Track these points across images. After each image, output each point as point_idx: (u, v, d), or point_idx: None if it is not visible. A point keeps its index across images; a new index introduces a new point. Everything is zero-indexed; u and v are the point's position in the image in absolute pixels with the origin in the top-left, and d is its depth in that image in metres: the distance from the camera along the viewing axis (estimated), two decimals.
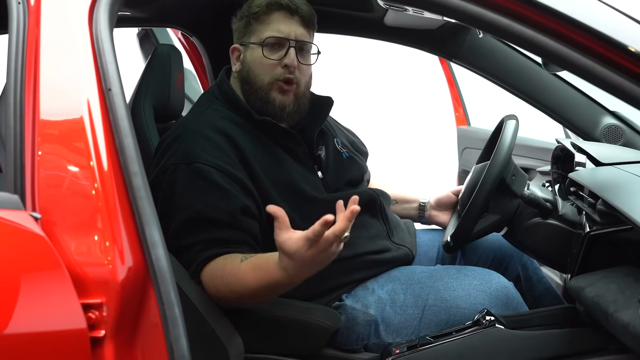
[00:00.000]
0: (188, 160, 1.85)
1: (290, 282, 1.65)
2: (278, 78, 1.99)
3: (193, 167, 1.84)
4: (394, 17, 2.41)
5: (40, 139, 1.30)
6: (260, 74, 2.00)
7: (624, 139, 2.44)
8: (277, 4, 1.99)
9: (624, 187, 1.70)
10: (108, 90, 1.31)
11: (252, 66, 2.01)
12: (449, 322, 1.94)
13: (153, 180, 1.88)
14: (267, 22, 1.99)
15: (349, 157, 2.21)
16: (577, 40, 1.35)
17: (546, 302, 2.23)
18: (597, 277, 1.64)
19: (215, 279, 1.75)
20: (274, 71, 1.99)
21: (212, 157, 1.86)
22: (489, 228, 2.11)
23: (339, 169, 2.14)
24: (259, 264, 1.70)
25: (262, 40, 1.99)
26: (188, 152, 1.87)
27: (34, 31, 1.35)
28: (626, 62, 1.32)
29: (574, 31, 1.35)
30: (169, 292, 1.27)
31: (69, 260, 1.22)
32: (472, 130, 3.70)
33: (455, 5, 1.39)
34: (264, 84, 2.00)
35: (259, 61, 2.00)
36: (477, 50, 2.50)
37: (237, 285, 1.71)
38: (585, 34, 1.34)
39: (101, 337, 1.21)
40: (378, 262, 2.08)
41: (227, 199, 1.83)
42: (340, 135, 2.26)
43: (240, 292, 1.71)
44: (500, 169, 1.99)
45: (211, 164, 1.85)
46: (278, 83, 1.99)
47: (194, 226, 1.81)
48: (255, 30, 2.01)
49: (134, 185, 1.29)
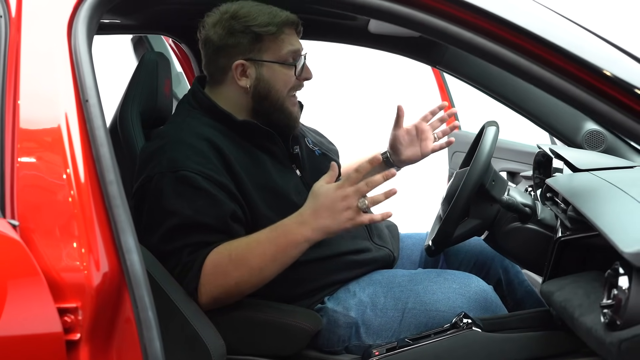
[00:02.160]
0: (173, 168, 1.88)
1: (300, 233, 1.78)
2: (296, 91, 2.09)
3: (179, 174, 1.87)
4: (377, 24, 2.45)
5: (19, 146, 1.33)
6: (281, 89, 2.05)
7: (606, 144, 2.47)
8: (289, 22, 2.03)
9: (594, 194, 1.73)
10: (85, 101, 1.35)
11: (273, 83, 2.04)
12: (428, 325, 1.98)
13: (138, 189, 1.91)
14: (281, 40, 2.03)
15: (322, 154, 2.26)
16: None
17: (527, 305, 2.26)
18: (567, 282, 1.68)
19: (221, 266, 1.80)
20: (293, 85, 2.07)
21: (197, 165, 1.89)
22: (469, 232, 2.14)
23: (314, 166, 2.18)
24: (270, 227, 1.82)
25: (282, 58, 2.03)
26: (173, 160, 1.90)
27: (15, 42, 1.39)
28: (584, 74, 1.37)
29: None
30: (143, 297, 1.30)
31: (46, 266, 1.26)
32: (462, 134, 3.71)
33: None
34: (284, 97, 2.06)
35: (281, 77, 2.04)
36: (460, 57, 2.53)
37: (248, 256, 1.80)
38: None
39: (76, 341, 1.25)
40: (359, 263, 2.11)
41: (215, 205, 1.87)
42: (308, 136, 2.30)
43: (253, 261, 1.80)
44: (479, 174, 2.03)
45: (196, 171, 1.87)
46: (292, 97, 2.09)
47: (183, 231, 1.84)
48: (269, 48, 2.02)
49: (109, 193, 1.32)
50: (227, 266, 1.81)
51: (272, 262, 1.81)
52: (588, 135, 2.48)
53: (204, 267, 1.80)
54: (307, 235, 1.79)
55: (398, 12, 1.45)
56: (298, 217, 1.80)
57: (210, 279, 1.80)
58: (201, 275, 1.80)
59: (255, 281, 1.83)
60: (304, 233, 1.78)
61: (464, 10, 1.43)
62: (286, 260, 1.82)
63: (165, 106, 2.27)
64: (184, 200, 1.85)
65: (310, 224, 1.78)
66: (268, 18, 2.00)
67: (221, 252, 1.82)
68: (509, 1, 1.44)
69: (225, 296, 1.84)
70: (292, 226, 1.79)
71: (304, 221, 1.78)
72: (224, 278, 1.81)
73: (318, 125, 2.48)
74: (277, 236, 1.80)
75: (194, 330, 1.70)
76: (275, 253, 1.80)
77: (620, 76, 1.38)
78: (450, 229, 2.07)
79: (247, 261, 1.80)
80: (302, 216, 1.79)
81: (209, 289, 1.81)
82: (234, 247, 1.82)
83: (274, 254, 1.80)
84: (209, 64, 2.09)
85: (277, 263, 1.81)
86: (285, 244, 1.79)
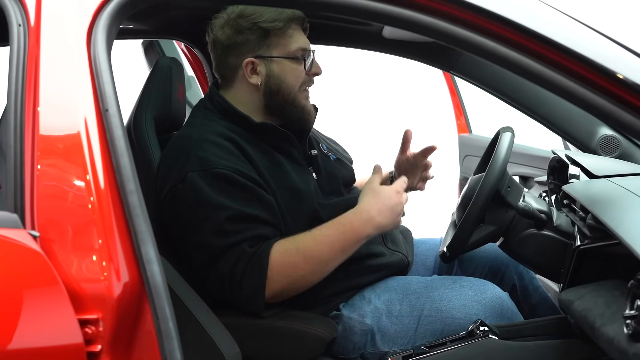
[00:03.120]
0: (204, 167, 1.88)
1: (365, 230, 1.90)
2: (307, 86, 2.10)
3: (212, 172, 1.88)
4: (392, 30, 2.44)
5: (39, 153, 1.33)
6: (293, 84, 2.07)
7: (620, 149, 2.46)
8: (296, 18, 2.05)
9: (614, 202, 1.72)
10: (105, 111, 1.34)
11: (284, 78, 2.06)
12: (444, 332, 1.97)
13: (169, 191, 1.91)
14: (289, 35, 2.05)
15: (337, 160, 2.26)
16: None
17: (542, 312, 2.26)
18: (586, 291, 1.67)
19: (290, 258, 1.86)
20: (304, 80, 2.08)
21: (227, 162, 1.90)
22: (484, 239, 2.13)
23: (329, 171, 2.19)
24: (335, 221, 1.91)
25: (291, 53, 2.05)
26: (202, 159, 1.90)
27: (34, 52, 1.38)
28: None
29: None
30: (164, 307, 1.30)
31: (67, 277, 1.25)
32: (473, 138, 3.71)
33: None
34: (295, 92, 2.07)
35: (292, 73, 2.06)
36: (474, 62, 2.52)
37: (317, 249, 1.88)
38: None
39: (97, 352, 1.24)
40: (373, 267, 2.11)
41: (259, 199, 1.90)
42: (323, 142, 2.30)
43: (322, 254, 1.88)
44: (495, 181, 2.02)
45: (230, 168, 1.89)
46: (305, 92, 2.10)
47: (236, 224, 1.86)
48: (278, 43, 2.05)
49: (130, 203, 1.31)
50: (295, 258, 1.86)
51: (340, 254, 1.90)
52: (602, 141, 2.47)
53: (270, 259, 1.84)
54: (370, 232, 1.91)
55: (411, 18, 1.44)
56: (364, 214, 1.90)
57: (278, 271, 1.85)
58: (269, 268, 1.84)
59: (321, 273, 1.91)
60: (368, 229, 1.90)
61: (479, 16, 1.42)
62: (350, 253, 1.92)
63: (178, 111, 2.27)
64: (225, 195, 1.86)
65: (375, 221, 1.90)
66: (275, 14, 2.01)
67: (287, 245, 1.88)
68: (518, 4, 1.43)
69: (290, 288, 1.90)
70: (358, 222, 1.89)
71: (371, 218, 1.89)
72: (294, 270, 1.86)
73: (329, 130, 2.48)
74: (345, 231, 1.89)
75: (209, 338, 1.69)
76: (344, 247, 1.89)
77: (635, 80, 1.37)
78: (465, 235, 2.06)
79: (316, 254, 1.88)
80: (368, 213, 1.90)
81: (277, 281, 1.86)
82: (300, 241, 1.88)
83: (342, 247, 1.89)
84: (219, 65, 2.10)
85: (344, 255, 1.91)
86: (353, 238, 1.90)
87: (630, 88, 1.37)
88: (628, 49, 1.43)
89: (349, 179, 2.28)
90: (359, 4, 1.43)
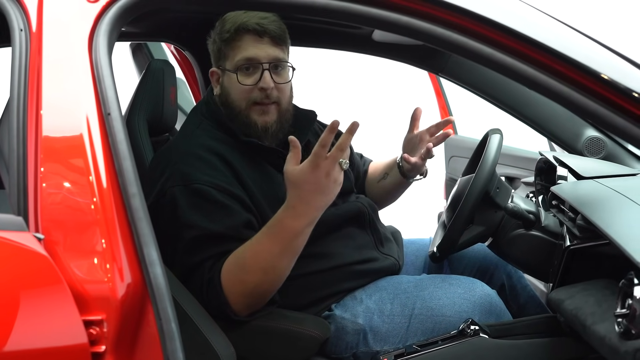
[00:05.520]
0: (186, 182, 1.89)
1: (299, 225, 1.77)
2: (256, 101, 2.02)
3: (192, 188, 1.89)
4: (382, 33, 2.47)
5: (42, 156, 1.34)
6: (238, 99, 2.03)
7: (606, 151, 2.49)
8: (245, 28, 1.99)
9: (602, 203, 1.75)
10: (107, 114, 1.36)
11: (230, 91, 2.04)
12: (435, 330, 1.99)
13: (152, 204, 1.91)
14: (237, 47, 2.01)
15: None
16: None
17: (530, 310, 2.28)
18: (576, 290, 1.70)
19: (233, 274, 1.81)
20: (251, 95, 2.01)
21: (209, 177, 1.90)
22: (473, 239, 2.16)
23: None
24: (267, 225, 1.82)
25: (235, 66, 2.01)
26: (185, 174, 1.91)
27: (36, 56, 1.40)
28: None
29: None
30: (166, 308, 1.32)
31: (71, 279, 1.27)
32: (459, 139, 3.74)
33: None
34: (243, 108, 2.02)
35: (235, 87, 2.02)
36: (462, 65, 2.55)
37: (256, 259, 1.80)
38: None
39: (102, 352, 1.26)
40: (365, 272, 2.13)
41: (229, 215, 1.88)
42: None
43: (262, 263, 1.80)
44: (484, 182, 2.05)
45: (209, 184, 1.89)
46: (256, 106, 2.02)
47: (202, 243, 1.86)
48: (228, 55, 2.03)
49: (132, 206, 1.33)
50: (238, 274, 1.82)
51: (281, 256, 1.81)
52: (588, 142, 2.51)
53: (221, 280, 1.82)
54: (306, 222, 1.79)
55: (399, 22, 1.47)
56: (290, 211, 1.78)
57: (231, 290, 1.82)
58: (223, 288, 1.82)
59: (273, 279, 1.84)
60: (302, 222, 1.78)
61: (465, 18, 1.44)
62: (296, 250, 1.83)
63: (171, 113, 2.29)
64: (198, 212, 1.87)
65: (305, 213, 1.78)
66: (230, 24, 2.00)
67: (230, 261, 1.83)
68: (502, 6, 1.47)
69: (252, 300, 1.85)
70: (288, 218, 1.78)
71: (297, 214, 1.78)
72: (242, 285, 1.82)
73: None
74: (278, 231, 1.80)
75: (204, 338, 1.70)
76: (284, 247, 1.80)
77: (617, 79, 1.41)
78: (455, 236, 2.09)
79: (256, 263, 1.81)
80: (294, 209, 1.78)
81: (235, 299, 1.82)
82: (240, 254, 1.83)
83: (282, 248, 1.80)
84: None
85: (290, 254, 1.82)
86: (289, 236, 1.79)
87: (614, 88, 1.41)
88: (614, 51, 1.46)
89: (345, 189, 2.26)
90: (352, 9, 1.46)
